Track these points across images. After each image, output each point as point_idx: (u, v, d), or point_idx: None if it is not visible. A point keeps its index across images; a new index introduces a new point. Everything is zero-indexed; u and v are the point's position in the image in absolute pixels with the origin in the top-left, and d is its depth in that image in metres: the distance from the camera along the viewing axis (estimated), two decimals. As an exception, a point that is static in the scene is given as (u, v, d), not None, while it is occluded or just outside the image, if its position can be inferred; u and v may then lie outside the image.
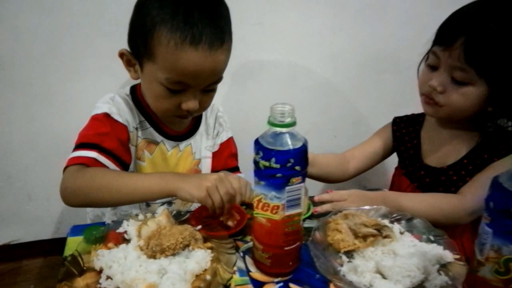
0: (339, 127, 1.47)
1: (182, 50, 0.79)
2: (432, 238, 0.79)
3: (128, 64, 0.91)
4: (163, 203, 1.02)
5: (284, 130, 0.64)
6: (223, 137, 1.11)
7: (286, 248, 0.70)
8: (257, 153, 0.65)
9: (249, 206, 0.91)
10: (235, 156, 1.14)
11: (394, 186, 1.13)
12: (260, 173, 0.65)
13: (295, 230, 0.70)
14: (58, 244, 1.49)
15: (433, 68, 0.92)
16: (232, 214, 0.84)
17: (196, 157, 1.06)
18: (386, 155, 1.14)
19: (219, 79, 0.88)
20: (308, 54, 1.34)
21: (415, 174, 1.04)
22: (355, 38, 1.35)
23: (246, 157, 1.21)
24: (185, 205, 1.06)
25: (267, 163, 0.63)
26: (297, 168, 0.64)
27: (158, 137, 1.00)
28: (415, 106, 1.13)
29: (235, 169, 1.12)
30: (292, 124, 0.64)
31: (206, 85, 0.86)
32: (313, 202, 0.91)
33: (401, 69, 1.41)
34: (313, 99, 1.37)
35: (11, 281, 1.43)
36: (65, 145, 0.94)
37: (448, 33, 0.88)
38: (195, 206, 1.07)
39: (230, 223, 0.83)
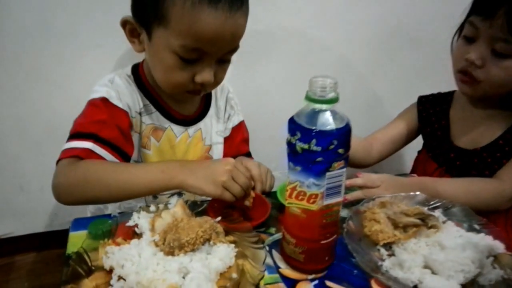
0: (353, 108, 1.38)
1: (200, 10, 0.69)
2: (477, 226, 0.71)
3: (132, 35, 0.81)
4: (172, 194, 0.93)
5: (325, 107, 0.55)
6: (235, 121, 1.03)
7: (322, 242, 0.62)
8: (293, 134, 0.56)
9: (268, 195, 0.83)
10: (247, 141, 1.06)
11: (418, 171, 1.06)
12: (297, 158, 0.57)
13: (333, 222, 0.62)
14: (53, 237, 1.41)
15: (469, 40, 0.84)
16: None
17: (206, 143, 0.97)
18: (410, 138, 1.06)
19: (236, 47, 0.79)
20: (323, 28, 1.24)
21: (444, 157, 0.97)
22: (372, 12, 1.26)
23: (256, 142, 1.14)
24: (195, 195, 0.96)
25: (306, 146, 0.55)
26: (340, 151, 0.56)
27: (165, 122, 0.90)
28: (435, 86, 1.06)
29: (247, 155, 1.03)
30: (335, 100, 0.55)
31: (223, 53, 0.77)
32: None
33: (420, 46, 1.33)
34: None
35: (3, 278, 1.33)
36: (59, 131, 0.84)
37: (489, 1, 0.80)
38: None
39: (247, 202, 0.75)
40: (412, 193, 0.77)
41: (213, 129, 0.98)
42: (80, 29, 1.08)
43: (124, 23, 0.80)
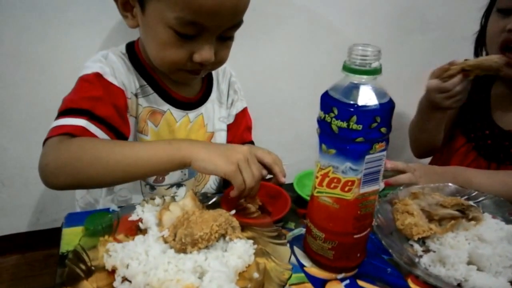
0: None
1: None
2: (513, 218, 0.66)
3: (125, 8, 0.73)
4: (171, 185, 0.84)
5: (366, 78, 0.48)
6: (239, 107, 0.95)
7: (356, 236, 0.55)
8: (328, 111, 0.49)
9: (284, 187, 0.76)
10: (250, 129, 0.98)
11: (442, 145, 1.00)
12: (332, 138, 0.50)
13: (369, 213, 0.55)
14: (38, 237, 1.30)
15: (506, 12, 0.78)
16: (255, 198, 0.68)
17: (209, 130, 0.89)
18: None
19: (239, 22, 0.70)
20: (330, 9, 1.17)
21: (476, 133, 0.91)
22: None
23: (258, 131, 1.06)
24: (196, 187, 0.88)
25: (344, 124, 0.48)
26: (383, 130, 0.49)
27: (164, 105, 0.82)
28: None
29: (251, 144, 0.96)
30: (378, 71, 0.48)
31: (224, 28, 0.69)
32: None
33: (431, 29, 1.27)
34: (332, 62, 1.21)
35: (-18, 282, 1.22)
36: (44, 118, 0.74)
37: None
38: (208, 187, 0.90)
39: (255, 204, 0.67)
40: (442, 184, 0.71)
41: (215, 114, 0.90)
42: (66, 4, 0.98)
43: None
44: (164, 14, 0.66)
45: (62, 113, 0.68)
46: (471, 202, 0.68)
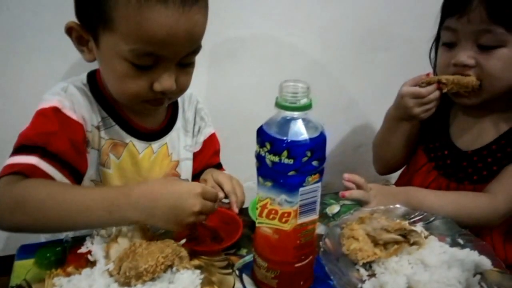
0: (328, 113, 1.33)
1: (148, 7, 0.61)
2: (460, 240, 0.67)
3: (80, 43, 0.72)
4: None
5: (297, 114, 0.50)
6: (206, 133, 0.95)
7: (297, 265, 0.56)
8: (262, 146, 0.51)
9: (240, 212, 0.77)
10: (218, 152, 0.98)
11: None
12: (267, 171, 0.51)
13: (309, 242, 0.56)
14: (5, 264, 1.28)
15: (451, 45, 0.81)
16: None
17: (173, 159, 0.88)
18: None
19: (197, 48, 0.70)
20: (294, 29, 1.19)
21: (436, 153, 0.93)
22: (345, 11, 1.22)
23: (227, 151, 1.07)
24: None
25: (276, 158, 0.49)
26: (315, 163, 0.50)
27: (126, 137, 0.81)
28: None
29: (218, 166, 0.97)
30: (308, 106, 0.50)
31: (182, 55, 0.68)
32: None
33: (395, 46, 1.30)
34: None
35: None
36: (2, 149, 0.72)
37: None
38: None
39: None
40: (392, 206, 0.73)
41: (180, 143, 0.89)
42: (26, 30, 0.97)
43: (70, 30, 0.71)
44: (119, 47, 0.66)
45: (16, 150, 0.68)
46: (418, 225, 0.70)
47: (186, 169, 0.91)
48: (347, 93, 1.35)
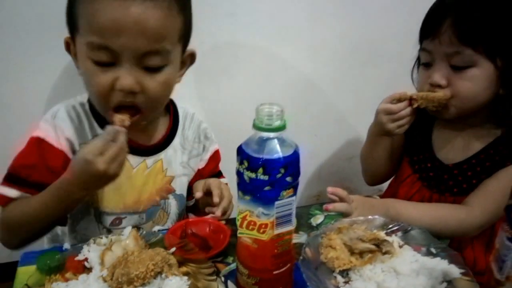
0: (320, 125, 1.38)
1: (100, 0, 0.66)
2: (433, 250, 0.71)
3: (69, 50, 0.77)
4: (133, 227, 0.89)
5: (272, 134, 0.55)
6: (212, 150, 0.99)
7: (275, 272, 0.61)
8: (241, 163, 0.56)
9: (228, 221, 0.82)
10: (219, 162, 1.03)
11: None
12: (245, 186, 0.56)
13: (286, 251, 0.61)
14: (10, 270, 1.33)
15: (427, 65, 0.85)
16: None
17: (168, 174, 0.91)
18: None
19: (161, 50, 0.71)
20: (285, 46, 1.24)
21: (420, 165, 0.96)
22: (334, 28, 1.27)
23: (227, 162, 1.11)
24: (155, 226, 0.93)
25: (253, 174, 0.54)
26: (289, 179, 0.55)
27: None
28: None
29: (218, 174, 1.02)
30: (282, 127, 0.55)
31: (138, 53, 0.69)
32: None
33: (384, 61, 1.35)
34: (291, 96, 1.28)
35: None
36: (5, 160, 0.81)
37: (433, 20, 0.82)
38: (169, 225, 0.95)
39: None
40: (371, 217, 0.77)
41: (177, 159, 0.92)
42: (32, 50, 1.03)
43: (67, 46, 0.76)
44: (81, 45, 0.70)
45: (5, 178, 0.79)
46: (396, 235, 0.74)
47: (181, 184, 0.94)
48: (339, 104, 1.40)
